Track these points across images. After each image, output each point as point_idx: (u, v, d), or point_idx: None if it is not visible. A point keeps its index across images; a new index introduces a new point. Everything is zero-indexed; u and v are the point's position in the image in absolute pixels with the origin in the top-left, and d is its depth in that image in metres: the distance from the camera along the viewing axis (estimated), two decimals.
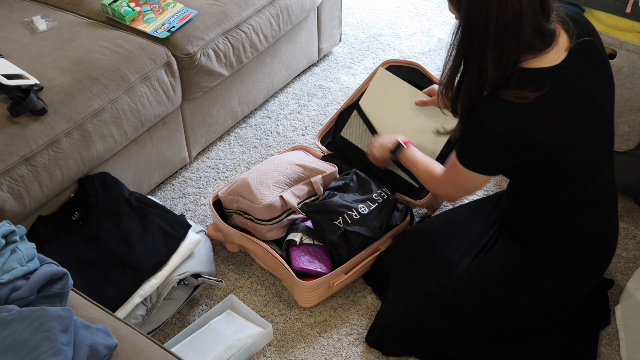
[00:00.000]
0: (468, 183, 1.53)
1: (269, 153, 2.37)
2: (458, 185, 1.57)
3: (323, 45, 2.71)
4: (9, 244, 1.29)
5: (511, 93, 1.35)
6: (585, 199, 1.49)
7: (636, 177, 2.02)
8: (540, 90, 1.35)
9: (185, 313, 1.87)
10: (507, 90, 1.36)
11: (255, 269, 1.99)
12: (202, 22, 2.05)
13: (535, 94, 1.34)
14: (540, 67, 1.37)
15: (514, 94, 1.35)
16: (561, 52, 1.38)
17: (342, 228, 1.80)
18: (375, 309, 1.86)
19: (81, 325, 1.21)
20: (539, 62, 1.37)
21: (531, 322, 1.65)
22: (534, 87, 1.35)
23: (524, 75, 1.37)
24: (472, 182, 1.52)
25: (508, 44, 1.33)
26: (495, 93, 1.38)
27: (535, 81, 1.36)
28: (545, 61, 1.37)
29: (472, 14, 1.33)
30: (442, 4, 3.16)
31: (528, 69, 1.37)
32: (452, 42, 1.41)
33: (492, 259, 1.64)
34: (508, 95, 1.35)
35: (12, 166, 1.64)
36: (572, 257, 1.55)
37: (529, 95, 1.34)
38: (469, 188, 1.57)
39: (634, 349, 1.70)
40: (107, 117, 1.82)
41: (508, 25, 1.31)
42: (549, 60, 1.37)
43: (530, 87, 1.35)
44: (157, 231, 1.77)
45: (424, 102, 1.97)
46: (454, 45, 1.41)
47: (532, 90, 1.35)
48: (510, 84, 1.36)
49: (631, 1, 1.73)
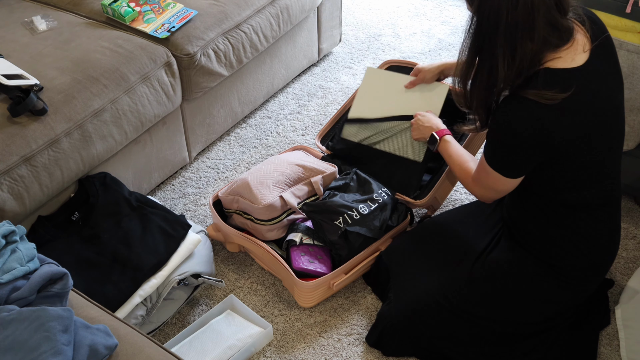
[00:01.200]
0: (498, 185, 1.52)
1: (269, 153, 2.37)
2: (489, 186, 1.55)
3: (323, 45, 2.71)
4: (9, 244, 1.29)
5: (537, 93, 1.34)
6: (592, 201, 1.49)
7: (636, 177, 2.02)
8: (566, 91, 1.34)
9: (185, 313, 1.87)
10: (532, 90, 1.35)
11: (255, 269, 1.99)
12: (202, 22, 2.05)
13: (562, 95, 1.34)
14: (565, 68, 1.36)
15: (540, 94, 1.34)
16: (582, 53, 1.38)
17: (342, 228, 1.80)
18: (375, 309, 1.86)
19: (81, 325, 1.21)
20: (563, 63, 1.37)
21: (533, 325, 1.65)
22: (560, 87, 1.34)
23: (549, 75, 1.36)
24: (502, 185, 1.51)
25: (521, 41, 1.32)
26: (520, 93, 1.37)
27: (562, 82, 1.35)
28: (570, 62, 1.37)
29: (484, 9, 1.33)
30: (442, 4, 3.16)
31: (553, 70, 1.36)
32: (465, 36, 1.41)
33: (495, 261, 1.64)
34: (534, 95, 1.35)
35: (12, 166, 1.64)
36: (575, 260, 1.55)
37: (556, 96, 1.34)
38: (500, 190, 1.54)
39: (634, 349, 1.70)
40: (107, 117, 1.82)
41: (520, 22, 1.30)
42: (573, 62, 1.37)
43: (556, 87, 1.34)
44: (157, 231, 1.77)
45: (413, 82, 2.00)
46: (467, 40, 1.41)
47: (559, 91, 1.34)
48: (536, 84, 1.35)
49: (631, 1, 1.73)
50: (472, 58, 1.42)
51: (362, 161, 2.05)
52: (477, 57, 1.41)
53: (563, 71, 1.36)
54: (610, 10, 1.79)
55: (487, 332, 1.65)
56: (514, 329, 1.65)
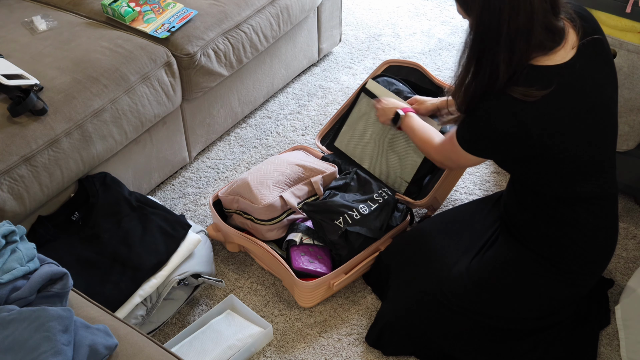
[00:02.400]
0: (461, 160, 1.57)
1: (269, 153, 2.37)
2: (451, 158, 1.63)
3: (323, 45, 2.71)
4: (9, 244, 1.29)
5: (518, 90, 1.36)
6: (587, 195, 1.49)
7: (636, 177, 2.02)
8: (547, 88, 1.35)
9: (185, 313, 1.87)
10: (514, 87, 1.36)
11: (255, 269, 1.99)
12: (202, 22, 2.05)
13: (542, 92, 1.35)
14: (549, 65, 1.37)
15: (520, 91, 1.36)
16: (570, 50, 1.39)
17: (342, 228, 1.80)
18: (375, 309, 1.86)
19: (81, 325, 1.21)
20: (548, 60, 1.37)
21: (531, 321, 1.65)
22: (541, 84, 1.36)
23: (532, 72, 1.37)
24: (465, 160, 1.57)
25: (520, 46, 1.33)
26: (503, 89, 1.38)
27: (543, 79, 1.36)
28: (554, 59, 1.38)
29: (485, 18, 1.33)
30: (442, 4, 3.16)
31: (537, 66, 1.37)
32: (464, 45, 1.41)
33: (492, 257, 1.64)
34: (515, 92, 1.36)
35: (12, 166, 1.64)
36: (573, 254, 1.55)
37: (535, 93, 1.35)
38: (461, 163, 1.63)
39: (634, 349, 1.70)
40: (107, 117, 1.82)
41: (520, 28, 1.31)
42: (558, 58, 1.38)
43: (537, 84, 1.35)
44: (157, 231, 1.77)
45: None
46: (465, 48, 1.41)
47: (539, 88, 1.35)
48: (518, 81, 1.36)
49: (631, 1, 1.73)
50: (470, 64, 1.42)
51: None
52: (475, 64, 1.41)
53: (546, 68, 1.37)
54: (610, 10, 1.79)
55: (487, 330, 1.65)
56: (514, 325, 1.65)
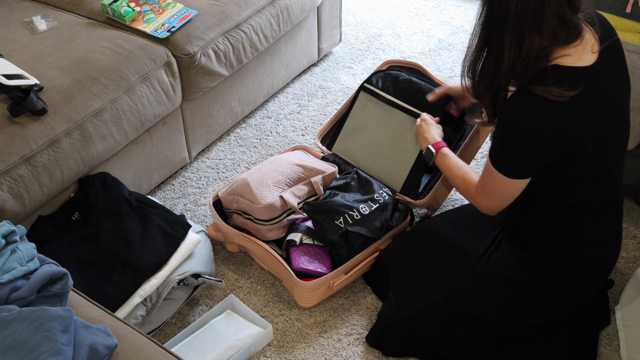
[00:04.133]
0: (504, 189, 1.49)
1: (269, 153, 2.37)
2: (494, 193, 1.52)
3: (323, 45, 2.71)
4: (9, 244, 1.29)
5: (545, 89, 1.33)
6: (594, 204, 1.49)
7: (636, 177, 2.02)
8: (575, 89, 1.33)
9: (185, 313, 1.87)
10: (542, 86, 1.34)
11: (255, 269, 1.99)
12: (202, 22, 2.05)
13: (570, 93, 1.32)
14: (574, 66, 1.36)
15: (548, 90, 1.33)
16: (591, 54, 1.37)
17: (343, 228, 1.80)
18: (375, 309, 1.86)
19: (81, 325, 1.21)
20: (572, 61, 1.36)
21: (534, 327, 1.65)
22: (568, 85, 1.33)
23: (558, 72, 1.35)
24: (508, 188, 1.48)
25: (529, 32, 1.31)
26: (528, 88, 1.36)
27: (571, 80, 1.34)
28: (579, 61, 1.36)
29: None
30: (442, 4, 3.16)
31: (562, 67, 1.35)
32: (476, 24, 1.40)
33: (496, 264, 1.63)
34: (542, 91, 1.33)
35: (12, 166, 1.64)
36: (577, 263, 1.54)
37: (564, 93, 1.32)
38: (505, 194, 1.51)
39: (634, 349, 1.70)
40: (107, 117, 1.82)
41: (530, 11, 1.30)
42: (581, 61, 1.36)
43: (565, 85, 1.33)
44: (157, 231, 1.77)
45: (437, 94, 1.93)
46: (476, 28, 1.40)
47: (567, 88, 1.33)
48: (545, 81, 1.34)
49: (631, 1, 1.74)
50: (480, 46, 1.40)
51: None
52: (485, 46, 1.40)
53: (572, 69, 1.35)
54: (610, 10, 1.79)
55: (488, 334, 1.65)
56: (515, 331, 1.65)
